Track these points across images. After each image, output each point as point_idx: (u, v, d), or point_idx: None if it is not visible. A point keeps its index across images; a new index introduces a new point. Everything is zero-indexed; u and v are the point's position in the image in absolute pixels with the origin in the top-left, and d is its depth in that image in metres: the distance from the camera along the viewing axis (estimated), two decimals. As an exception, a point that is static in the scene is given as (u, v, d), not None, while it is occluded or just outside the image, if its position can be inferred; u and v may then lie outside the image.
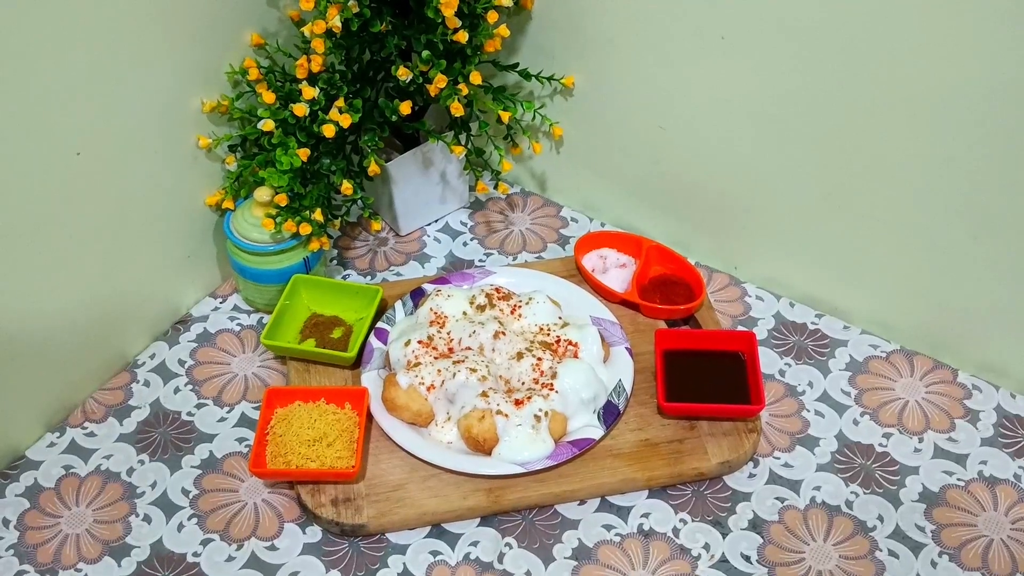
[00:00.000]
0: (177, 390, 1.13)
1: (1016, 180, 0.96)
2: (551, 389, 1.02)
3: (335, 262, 1.29)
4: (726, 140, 1.14)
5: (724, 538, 0.98)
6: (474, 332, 1.08)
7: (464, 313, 1.12)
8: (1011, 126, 0.93)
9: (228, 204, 1.17)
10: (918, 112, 0.98)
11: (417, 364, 1.05)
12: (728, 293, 1.23)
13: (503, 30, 1.13)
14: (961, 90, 0.94)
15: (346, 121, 1.08)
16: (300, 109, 1.08)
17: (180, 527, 1.01)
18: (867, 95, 1.00)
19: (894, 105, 0.99)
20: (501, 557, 0.98)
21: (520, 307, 1.12)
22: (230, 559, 0.98)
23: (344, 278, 1.27)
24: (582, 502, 1.02)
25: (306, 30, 1.07)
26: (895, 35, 0.94)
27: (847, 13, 0.96)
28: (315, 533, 1.00)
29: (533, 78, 1.22)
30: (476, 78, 1.12)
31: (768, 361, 1.14)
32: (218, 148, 1.16)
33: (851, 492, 1.02)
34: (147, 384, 1.14)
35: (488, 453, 1.01)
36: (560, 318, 1.12)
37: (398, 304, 1.16)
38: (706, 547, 0.98)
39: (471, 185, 1.34)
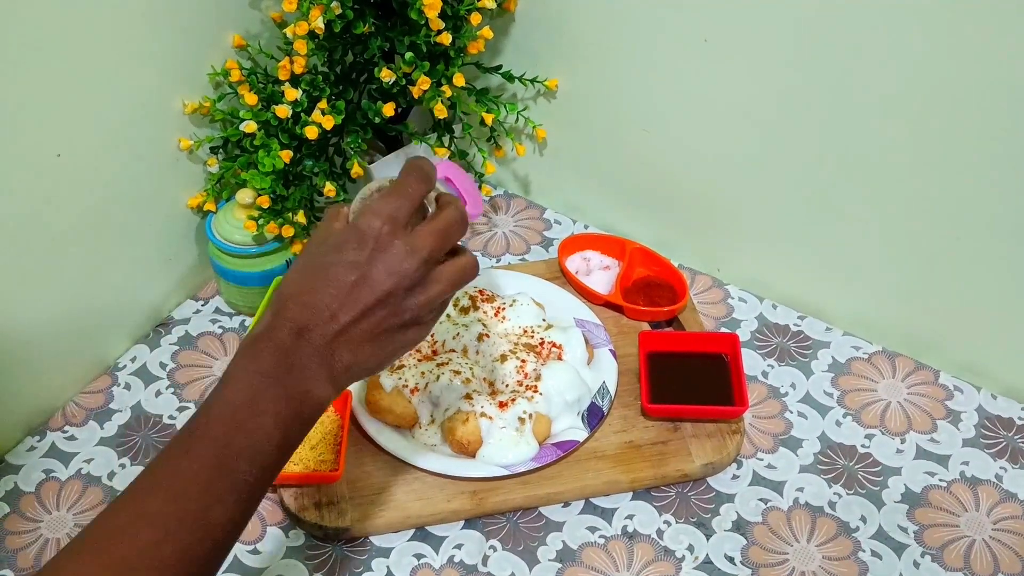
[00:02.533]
0: (158, 393, 1.12)
1: (999, 181, 0.97)
2: (535, 391, 1.02)
3: (318, 264, 1.28)
4: (709, 142, 1.14)
5: (708, 539, 0.99)
6: (458, 334, 1.08)
7: (448, 315, 1.11)
8: (995, 129, 0.94)
9: (210, 206, 1.16)
10: (900, 115, 0.98)
11: (400, 366, 1.05)
12: (711, 295, 1.23)
13: (486, 32, 1.12)
14: (943, 93, 0.94)
15: (329, 123, 1.07)
16: (282, 111, 1.08)
17: (162, 531, 1.00)
18: (849, 98, 1.00)
19: (876, 108, 0.99)
20: (485, 560, 0.97)
21: (504, 309, 1.11)
22: (212, 563, 0.97)
23: (327, 280, 1.26)
24: (566, 504, 1.02)
25: (288, 31, 1.06)
26: (878, 38, 0.95)
27: (831, 17, 0.96)
28: (298, 536, 0.99)
29: (516, 80, 1.22)
30: (459, 80, 1.11)
31: (751, 363, 1.14)
32: (200, 150, 1.15)
33: (834, 493, 1.02)
34: (128, 387, 1.13)
35: (472, 455, 1.00)
36: (544, 320, 1.12)
37: (381, 306, 1.16)
38: (690, 548, 0.98)
39: (454, 187, 1.34)
